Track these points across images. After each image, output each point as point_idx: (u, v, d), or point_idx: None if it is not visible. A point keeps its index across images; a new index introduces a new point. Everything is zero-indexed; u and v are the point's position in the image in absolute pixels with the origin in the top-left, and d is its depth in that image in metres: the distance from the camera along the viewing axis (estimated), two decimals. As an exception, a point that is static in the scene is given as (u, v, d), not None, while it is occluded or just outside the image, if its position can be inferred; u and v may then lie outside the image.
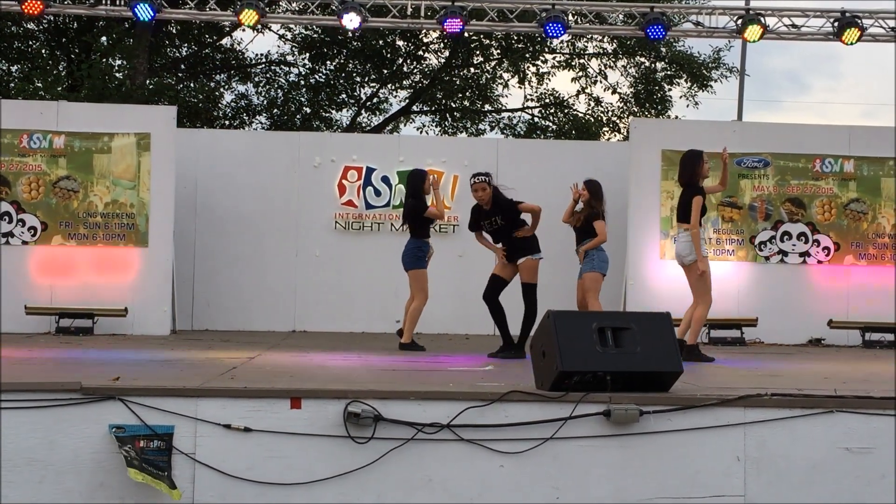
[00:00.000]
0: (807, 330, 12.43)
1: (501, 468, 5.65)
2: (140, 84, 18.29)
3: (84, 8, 12.06)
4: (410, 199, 10.02)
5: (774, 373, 8.01)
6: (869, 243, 12.66)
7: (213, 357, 8.50)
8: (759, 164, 12.64)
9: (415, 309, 9.79)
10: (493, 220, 9.38)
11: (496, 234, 9.45)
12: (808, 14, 12.28)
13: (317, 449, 5.60)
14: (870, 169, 12.69)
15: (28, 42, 21.00)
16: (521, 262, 9.23)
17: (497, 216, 9.35)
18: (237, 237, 13.15)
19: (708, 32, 12.58)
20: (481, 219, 9.49)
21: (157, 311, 12.01)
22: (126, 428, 5.52)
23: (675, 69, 22.09)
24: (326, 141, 14.44)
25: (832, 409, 5.79)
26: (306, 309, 13.14)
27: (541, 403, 5.71)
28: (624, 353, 5.93)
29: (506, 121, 23.82)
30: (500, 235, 9.42)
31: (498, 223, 9.37)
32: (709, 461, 5.71)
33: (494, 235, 9.48)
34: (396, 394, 5.74)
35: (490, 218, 9.40)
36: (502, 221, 9.35)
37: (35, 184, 12.09)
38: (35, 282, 12.02)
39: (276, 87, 22.69)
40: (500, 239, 9.43)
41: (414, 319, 9.81)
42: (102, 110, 12.97)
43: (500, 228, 9.39)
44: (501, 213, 9.34)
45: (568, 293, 12.04)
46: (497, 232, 9.43)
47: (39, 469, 5.51)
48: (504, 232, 9.38)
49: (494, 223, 9.39)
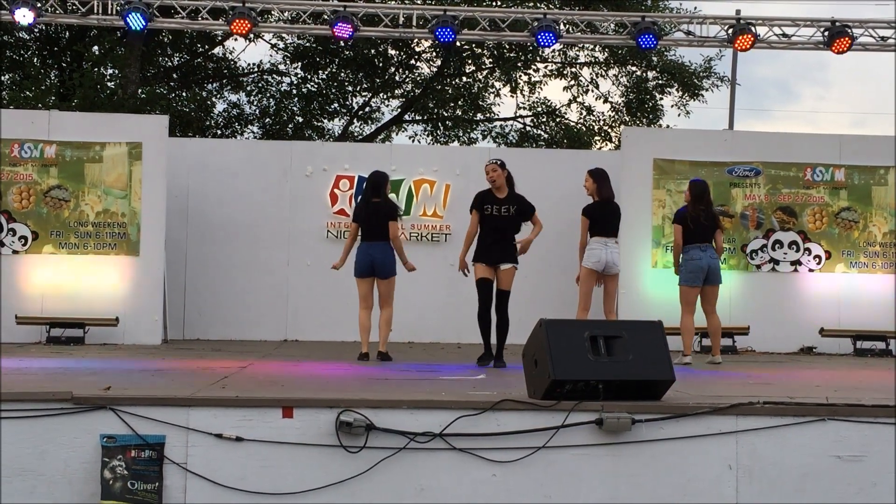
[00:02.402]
0: (798, 338, 12.46)
1: (494, 477, 5.64)
2: (132, 93, 18.28)
3: (76, 17, 12.06)
4: (385, 201, 9.73)
5: (766, 381, 8.01)
6: (860, 252, 12.70)
7: (205, 366, 8.48)
8: (750, 172, 12.67)
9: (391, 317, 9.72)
10: (509, 207, 9.09)
11: (501, 222, 9.08)
12: (798, 23, 12.33)
13: (309, 458, 5.59)
14: (861, 177, 12.73)
15: (20, 51, 20.98)
16: (506, 267, 9.01)
17: (513, 206, 9.11)
18: (229, 246, 13.13)
19: (699, 42, 12.63)
20: (486, 202, 9.14)
21: (148, 320, 11.99)
22: (117, 438, 5.50)
23: (666, 78, 22.15)
24: (318, 150, 14.46)
25: (824, 417, 5.79)
26: (298, 318, 13.12)
27: (533, 412, 5.70)
28: (616, 361, 5.92)
29: (498, 130, 23.88)
30: (503, 227, 9.08)
31: (511, 212, 9.10)
32: (701, 469, 5.71)
33: (497, 224, 9.07)
34: (388, 403, 5.73)
35: (506, 205, 9.10)
36: (515, 212, 9.14)
37: (26, 193, 12.07)
38: (26, 291, 11.98)
39: (268, 96, 22.71)
40: (499, 231, 9.06)
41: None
42: (94, 119, 12.97)
43: (509, 218, 9.11)
44: (518, 204, 9.15)
45: (556, 301, 12.11)
46: (503, 221, 9.08)
47: (30, 479, 5.49)
48: (509, 225, 9.12)
49: (509, 210, 9.09)
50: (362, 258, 9.61)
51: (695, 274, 9.74)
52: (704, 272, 9.74)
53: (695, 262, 9.74)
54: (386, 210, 9.66)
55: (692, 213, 9.78)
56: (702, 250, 9.74)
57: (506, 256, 9.06)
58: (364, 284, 9.66)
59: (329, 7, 12.49)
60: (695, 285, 9.77)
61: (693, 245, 9.77)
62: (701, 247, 9.75)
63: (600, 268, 9.48)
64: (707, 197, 9.96)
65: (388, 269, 9.58)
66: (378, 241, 9.57)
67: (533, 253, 9.47)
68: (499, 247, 9.07)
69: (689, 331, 9.89)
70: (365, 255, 9.60)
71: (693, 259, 9.75)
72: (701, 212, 9.78)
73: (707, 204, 9.90)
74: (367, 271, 9.60)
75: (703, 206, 9.83)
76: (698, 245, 9.76)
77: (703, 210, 9.81)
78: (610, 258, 9.46)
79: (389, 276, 9.61)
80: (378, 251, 9.55)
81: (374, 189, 9.77)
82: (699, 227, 9.76)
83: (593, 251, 9.49)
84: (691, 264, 9.76)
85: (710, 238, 9.81)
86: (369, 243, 9.62)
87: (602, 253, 9.45)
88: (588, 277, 9.57)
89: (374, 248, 9.57)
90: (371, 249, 9.58)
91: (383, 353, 9.56)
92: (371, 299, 9.68)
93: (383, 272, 9.57)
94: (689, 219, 9.78)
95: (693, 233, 9.76)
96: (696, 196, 9.86)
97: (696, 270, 9.73)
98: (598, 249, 9.47)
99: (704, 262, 9.72)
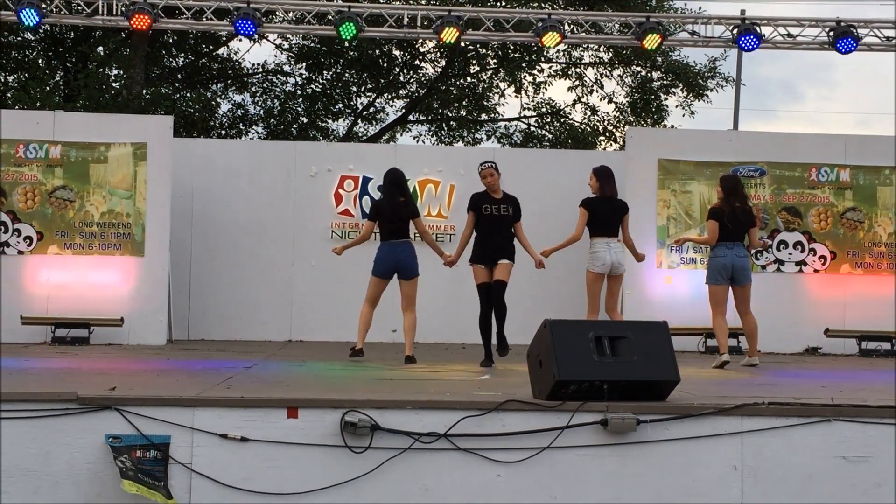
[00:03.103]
0: (803, 339, 12.44)
1: (498, 477, 5.64)
2: (136, 94, 18.30)
3: (81, 18, 12.07)
4: (409, 199, 9.68)
5: (771, 382, 8.01)
6: (865, 252, 12.67)
7: (210, 367, 8.49)
8: (755, 173, 12.65)
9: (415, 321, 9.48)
10: (507, 207, 9.28)
11: (497, 222, 9.24)
12: (803, 23, 12.31)
13: (313, 458, 5.59)
14: (866, 178, 12.71)
15: (25, 52, 21.02)
16: (503, 262, 9.14)
17: (509, 206, 9.29)
18: (233, 247, 13.14)
19: (704, 42, 12.61)
20: (483, 202, 9.31)
21: (153, 320, 11.99)
22: (122, 438, 5.51)
23: (670, 78, 22.13)
24: (323, 150, 14.46)
25: (829, 417, 5.79)
26: (303, 318, 13.12)
27: (538, 412, 5.70)
28: (621, 362, 5.92)
29: (502, 130, 23.87)
30: (500, 227, 9.25)
31: (509, 211, 9.27)
32: (706, 470, 5.71)
33: (495, 223, 9.24)
34: (393, 403, 5.73)
35: (504, 205, 9.28)
36: (512, 212, 9.29)
37: (31, 193, 12.08)
38: (31, 292, 11.99)
39: (273, 96, 22.71)
40: (495, 232, 9.23)
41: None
42: (99, 120, 12.97)
43: (507, 217, 9.27)
44: (513, 205, 9.32)
45: (559, 302, 12.11)
46: (500, 220, 9.25)
47: (35, 480, 5.50)
48: (505, 224, 9.27)
49: (507, 210, 9.27)
50: (385, 258, 9.38)
51: (718, 272, 9.50)
52: (729, 271, 9.47)
53: (718, 260, 9.50)
54: (411, 209, 9.58)
55: (726, 208, 9.53)
56: (728, 248, 9.48)
57: (503, 253, 9.19)
58: (379, 285, 9.45)
59: (333, 7, 12.50)
60: (719, 283, 9.51)
61: (721, 242, 9.52)
62: (728, 244, 9.49)
63: (606, 270, 9.33)
64: (741, 191, 9.72)
65: (412, 269, 9.36)
66: (401, 240, 9.41)
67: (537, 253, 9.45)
68: (496, 244, 9.20)
69: (723, 330, 9.53)
70: (388, 256, 9.37)
71: (717, 257, 9.52)
72: (736, 207, 9.54)
73: (742, 198, 9.65)
74: (389, 272, 9.40)
75: (738, 201, 9.57)
76: (726, 243, 9.50)
77: (739, 206, 9.56)
78: (614, 259, 9.34)
79: (414, 277, 9.38)
80: (402, 252, 9.35)
81: (398, 187, 9.59)
82: (735, 224, 9.52)
83: (597, 254, 9.32)
84: (715, 262, 9.54)
85: (741, 236, 9.55)
86: (393, 243, 9.40)
87: (606, 255, 9.30)
88: (594, 282, 9.40)
89: (398, 249, 9.36)
90: (395, 249, 9.37)
91: (410, 357, 9.29)
92: (379, 300, 9.54)
93: (408, 273, 9.35)
94: (725, 215, 9.52)
95: (728, 231, 9.52)
96: (728, 191, 9.61)
97: (719, 268, 9.49)
98: (602, 251, 9.30)
99: (729, 260, 9.45)
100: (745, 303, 9.63)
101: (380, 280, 9.45)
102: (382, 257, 9.42)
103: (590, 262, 9.38)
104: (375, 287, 9.48)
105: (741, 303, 9.63)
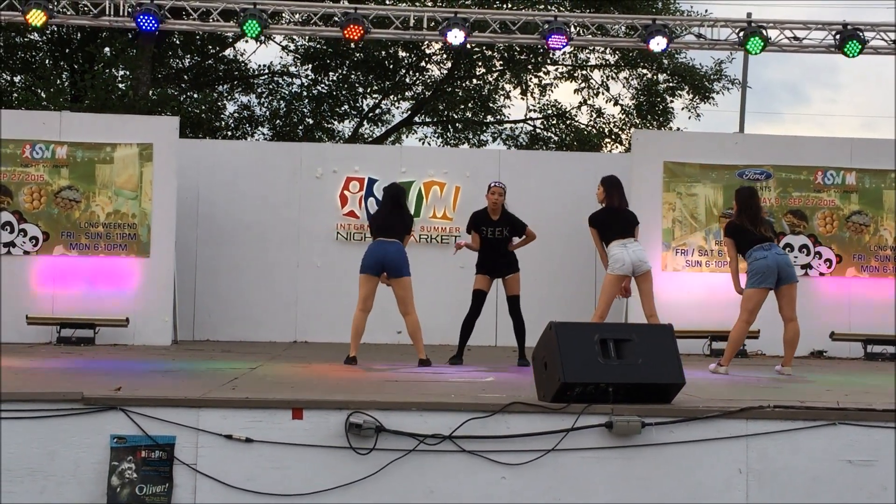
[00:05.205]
0: (809, 342, 12.38)
1: (503, 480, 5.63)
2: (143, 95, 18.33)
3: (88, 19, 12.08)
4: (406, 212, 9.68)
5: (776, 385, 8.00)
6: (871, 255, 12.65)
7: (215, 367, 8.50)
8: (760, 176, 12.63)
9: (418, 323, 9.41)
10: (502, 230, 9.75)
11: (495, 243, 9.74)
12: (809, 27, 12.30)
13: (318, 460, 5.59)
14: (871, 181, 12.69)
15: (32, 52, 21.07)
16: (511, 276, 9.69)
17: (506, 227, 9.76)
18: (239, 247, 13.15)
19: (710, 44, 12.60)
20: (482, 225, 9.78)
21: (158, 321, 12.01)
22: (127, 438, 5.52)
23: (676, 81, 22.12)
24: (328, 152, 14.46)
25: (834, 421, 5.78)
26: (308, 319, 13.12)
27: (543, 415, 5.70)
28: (626, 364, 5.92)
29: (508, 132, 23.89)
30: (497, 246, 9.73)
31: (504, 234, 9.75)
32: (711, 473, 5.70)
33: (492, 244, 9.74)
34: (398, 405, 5.73)
35: (499, 227, 9.75)
36: (508, 233, 9.77)
37: (37, 194, 12.10)
38: (36, 292, 12.01)
39: (279, 98, 22.76)
40: (494, 250, 9.73)
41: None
42: (105, 121, 12.98)
43: (502, 239, 9.75)
44: (511, 226, 9.77)
45: (566, 304, 12.10)
46: (497, 242, 9.74)
47: (40, 480, 5.50)
48: (503, 243, 9.77)
49: (502, 233, 9.74)
50: (372, 253, 9.28)
51: (763, 275, 8.80)
52: (774, 272, 8.79)
53: (760, 262, 8.83)
54: (407, 220, 9.52)
55: (740, 223, 9.07)
56: (765, 249, 8.86)
57: (507, 268, 9.74)
58: (368, 283, 9.29)
59: (340, 9, 12.51)
60: (764, 286, 8.83)
61: (754, 247, 8.91)
62: (763, 246, 8.88)
63: (628, 270, 9.04)
64: (754, 202, 9.15)
65: (400, 269, 9.19)
66: (390, 238, 9.32)
67: (543, 256, 9.52)
68: (497, 261, 9.73)
69: (739, 341, 9.14)
70: (375, 251, 9.27)
71: (757, 259, 8.86)
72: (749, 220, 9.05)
73: (756, 210, 9.09)
74: (377, 268, 9.25)
75: (751, 213, 9.06)
76: (759, 245, 8.90)
77: (751, 219, 9.05)
78: (634, 257, 9.04)
79: (401, 276, 9.22)
80: (390, 249, 9.23)
81: (394, 201, 9.54)
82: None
83: (615, 255, 9.07)
84: (756, 265, 8.85)
85: (769, 238, 9.02)
86: (381, 241, 9.31)
87: (624, 254, 9.03)
88: (611, 285, 9.12)
89: (386, 245, 9.25)
90: (382, 245, 9.27)
91: (424, 360, 9.23)
92: (371, 301, 9.35)
93: (396, 272, 9.20)
94: (739, 231, 9.05)
95: (753, 236, 8.98)
96: (741, 204, 9.14)
97: (763, 270, 8.80)
98: (619, 252, 9.06)
99: (772, 259, 8.81)
100: (792, 305, 8.93)
101: (367, 277, 9.29)
102: (369, 252, 9.34)
103: (610, 266, 9.19)
104: (364, 285, 9.32)
105: (787, 305, 8.92)
